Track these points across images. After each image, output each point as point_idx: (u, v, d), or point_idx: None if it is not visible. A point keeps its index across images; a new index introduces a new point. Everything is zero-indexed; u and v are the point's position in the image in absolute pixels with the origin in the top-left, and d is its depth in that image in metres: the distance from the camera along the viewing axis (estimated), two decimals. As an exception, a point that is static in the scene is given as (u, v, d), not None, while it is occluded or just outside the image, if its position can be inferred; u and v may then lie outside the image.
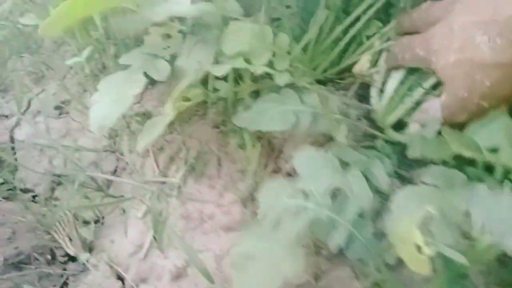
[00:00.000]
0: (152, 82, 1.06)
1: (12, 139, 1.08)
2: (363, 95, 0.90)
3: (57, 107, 1.11)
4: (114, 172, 0.98)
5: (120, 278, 0.74)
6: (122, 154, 0.99)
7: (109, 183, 0.96)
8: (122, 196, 0.92)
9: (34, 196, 1.01)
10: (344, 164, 0.66)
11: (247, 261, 0.57)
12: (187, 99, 0.79)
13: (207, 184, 0.79)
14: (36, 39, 1.28)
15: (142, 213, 0.80)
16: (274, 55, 0.81)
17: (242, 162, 0.80)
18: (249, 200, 0.74)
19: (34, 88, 1.18)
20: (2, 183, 1.00)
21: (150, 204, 0.79)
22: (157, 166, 0.85)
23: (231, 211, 0.73)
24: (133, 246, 0.76)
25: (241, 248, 0.59)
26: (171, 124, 0.90)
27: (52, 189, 1.01)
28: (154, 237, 0.75)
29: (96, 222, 0.93)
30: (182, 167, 0.83)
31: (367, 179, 0.65)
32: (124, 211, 0.89)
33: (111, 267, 0.74)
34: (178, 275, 0.70)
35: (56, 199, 1.00)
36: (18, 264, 0.81)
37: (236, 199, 0.74)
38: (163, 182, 0.82)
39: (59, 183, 1.02)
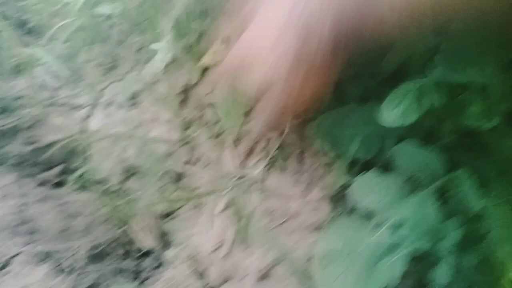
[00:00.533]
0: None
1: (85, 130, 1.07)
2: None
3: (129, 98, 1.09)
4: (187, 164, 0.94)
5: (201, 276, 0.69)
6: (195, 145, 0.95)
7: (181, 175, 0.93)
8: (196, 189, 0.88)
9: (106, 187, 0.99)
10: (451, 165, 0.57)
11: (332, 259, 0.50)
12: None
13: (291, 179, 0.72)
14: (105, 30, 1.27)
15: (222, 207, 0.75)
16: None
17: (327, 157, 0.73)
18: (338, 197, 0.67)
19: (105, 79, 1.17)
20: (80, 176, 0.98)
21: (231, 198, 0.74)
22: (238, 158, 0.80)
23: (319, 209, 0.67)
24: (214, 242, 0.71)
25: (326, 245, 0.53)
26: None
27: (125, 180, 0.99)
28: (236, 234, 0.70)
29: (169, 215, 0.90)
30: (263, 160, 0.77)
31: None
32: (199, 204, 0.85)
33: (191, 264, 0.70)
34: (264, 276, 0.64)
35: (129, 190, 0.98)
36: (95, 257, 0.79)
37: (324, 196, 0.67)
38: (243, 175, 0.77)
39: (132, 174, 1.00)
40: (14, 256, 0.72)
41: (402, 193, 0.52)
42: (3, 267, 0.70)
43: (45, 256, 0.74)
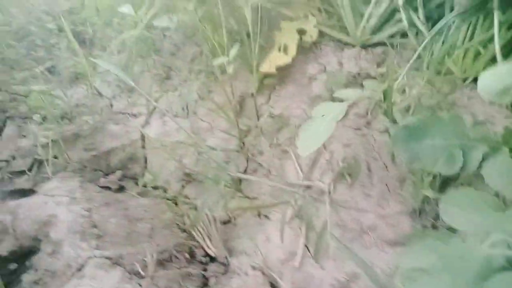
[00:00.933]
0: (280, 84, 1.00)
1: (142, 138, 1.06)
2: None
3: (185, 107, 1.08)
4: (244, 173, 0.92)
5: (273, 285, 0.67)
6: (252, 155, 0.93)
7: (240, 183, 0.91)
8: (256, 197, 0.86)
9: (166, 193, 0.98)
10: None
11: (418, 276, 0.47)
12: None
13: (361, 192, 0.70)
14: (161, 41, 1.27)
15: (290, 217, 0.72)
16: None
17: (397, 170, 0.70)
18: (419, 212, 0.64)
19: (161, 88, 1.16)
20: (140, 182, 0.97)
21: (298, 209, 0.71)
22: (301, 169, 0.77)
23: (398, 224, 0.64)
24: (285, 252, 0.69)
25: (411, 260, 0.50)
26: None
27: (183, 187, 0.98)
28: (306, 246, 0.68)
29: (227, 222, 0.88)
30: (328, 171, 0.75)
31: None
32: (260, 213, 0.83)
33: (261, 273, 0.67)
34: (341, 289, 0.61)
35: (186, 196, 0.97)
36: (163, 261, 0.77)
37: (403, 210, 0.64)
38: (309, 186, 0.75)
39: (190, 181, 0.98)
40: (87, 259, 0.71)
41: (497, 209, 0.49)
42: (79, 269, 0.69)
43: (116, 260, 0.73)
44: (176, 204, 0.94)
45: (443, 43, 0.77)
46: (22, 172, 0.96)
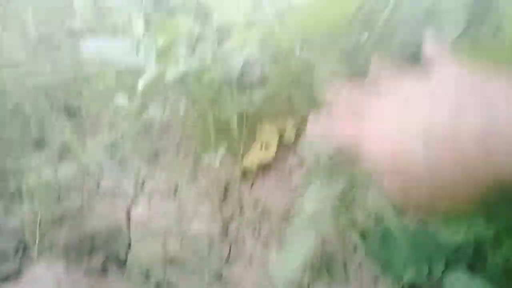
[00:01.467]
0: (263, 172, 1.06)
1: (128, 219, 1.08)
2: None
3: (170, 189, 1.12)
4: (227, 260, 0.95)
5: None
6: (235, 242, 0.96)
7: (223, 271, 0.93)
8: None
9: (149, 278, 0.99)
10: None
11: None
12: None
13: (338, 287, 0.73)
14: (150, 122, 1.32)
15: (271, 313, 0.75)
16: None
17: (371, 269, 0.74)
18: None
19: (148, 169, 1.19)
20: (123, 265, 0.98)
21: (279, 304, 0.74)
22: (282, 260, 0.81)
23: (372, 324, 0.67)
24: None
25: None
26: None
27: (166, 272, 0.99)
28: None
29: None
30: (307, 267, 0.79)
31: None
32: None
33: None
34: None
35: (169, 282, 0.98)
36: None
37: (376, 311, 0.68)
38: (291, 280, 0.78)
39: (173, 267, 0.99)
40: None
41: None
42: None
43: None
44: (159, 289, 0.95)
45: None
46: (7, 255, 0.96)
